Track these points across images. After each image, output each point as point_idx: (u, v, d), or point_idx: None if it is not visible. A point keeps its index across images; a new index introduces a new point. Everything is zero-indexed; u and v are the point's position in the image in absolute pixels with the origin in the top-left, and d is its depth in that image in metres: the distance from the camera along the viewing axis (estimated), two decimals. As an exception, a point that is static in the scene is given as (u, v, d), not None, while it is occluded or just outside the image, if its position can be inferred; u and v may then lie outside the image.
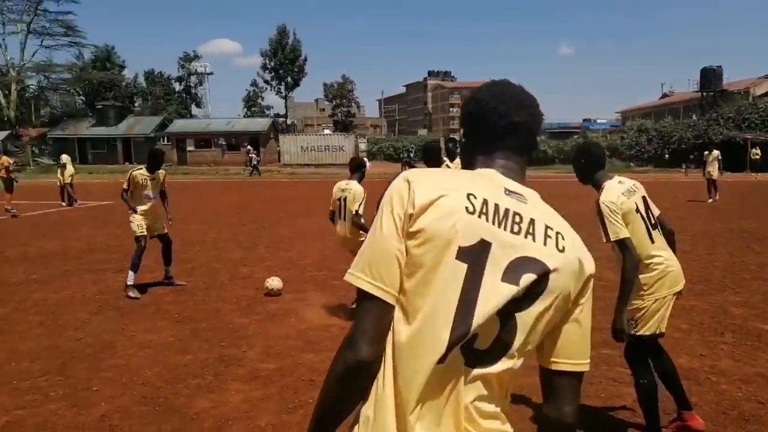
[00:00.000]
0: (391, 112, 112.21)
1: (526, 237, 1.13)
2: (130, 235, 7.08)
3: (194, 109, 66.27)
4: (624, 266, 3.10)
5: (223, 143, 46.18)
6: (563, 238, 1.16)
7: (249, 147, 42.04)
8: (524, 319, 1.11)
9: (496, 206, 1.14)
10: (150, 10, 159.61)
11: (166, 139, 46.24)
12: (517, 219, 1.14)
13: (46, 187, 20.34)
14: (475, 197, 1.13)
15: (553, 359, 1.17)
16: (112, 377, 4.34)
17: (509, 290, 1.09)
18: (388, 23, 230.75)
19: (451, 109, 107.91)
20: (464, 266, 1.09)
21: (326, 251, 9.18)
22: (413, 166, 6.23)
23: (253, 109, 66.22)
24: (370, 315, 1.12)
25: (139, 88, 63.51)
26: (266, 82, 63.67)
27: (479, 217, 1.11)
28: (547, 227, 1.16)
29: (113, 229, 12.29)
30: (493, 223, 1.12)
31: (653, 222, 3.28)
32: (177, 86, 65.68)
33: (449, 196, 1.12)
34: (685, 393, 3.42)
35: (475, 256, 1.10)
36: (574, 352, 1.17)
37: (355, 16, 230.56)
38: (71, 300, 6.59)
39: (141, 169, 7.05)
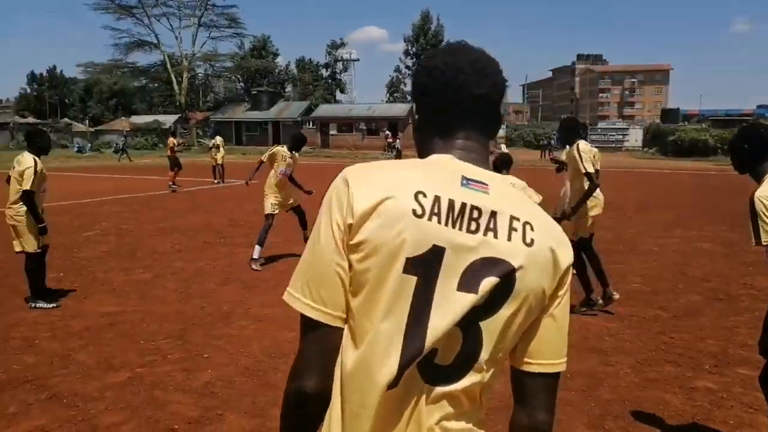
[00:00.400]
0: (534, 97, 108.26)
1: (486, 234, 0.96)
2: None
3: (338, 95, 69.15)
4: None
5: (364, 128, 47.65)
6: (532, 229, 0.99)
7: (388, 132, 42.98)
8: (490, 327, 0.97)
9: (451, 202, 0.96)
10: (304, 1, 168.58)
11: (311, 123, 48.80)
12: (476, 214, 0.97)
13: (206, 166, 22.31)
14: (424, 195, 0.96)
15: (525, 360, 1.03)
16: (222, 346, 4.63)
17: (466, 300, 0.94)
18: (534, 6, 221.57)
19: (600, 95, 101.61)
20: (413, 279, 0.94)
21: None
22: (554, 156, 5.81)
23: (395, 94, 67.48)
24: (313, 342, 0.99)
25: (290, 74, 67.64)
26: (407, 67, 64.55)
27: (429, 219, 0.95)
28: (512, 218, 0.99)
29: (254, 206, 13.18)
30: (447, 225, 0.95)
31: None
32: (324, 73, 68.93)
33: (394, 198, 0.95)
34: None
35: (426, 266, 0.94)
36: (548, 351, 1.02)
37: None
38: (204, 271, 7.15)
39: (284, 147, 7.61)
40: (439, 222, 0.95)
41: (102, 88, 68.06)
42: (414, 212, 0.94)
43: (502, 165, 5.28)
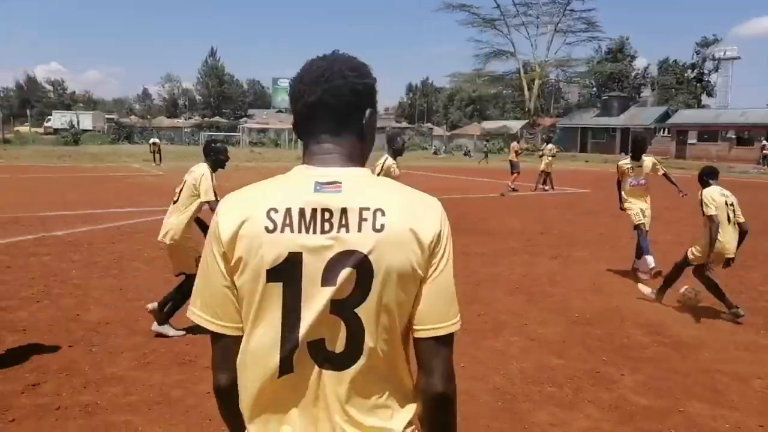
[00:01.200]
0: None
1: (338, 231, 1.08)
2: (586, 224, 7.08)
3: (706, 99, 60.68)
4: None
5: (732, 137, 40.74)
6: (384, 214, 1.09)
7: (765, 142, 35.74)
8: (367, 312, 1.08)
9: (301, 211, 1.09)
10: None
11: (666, 130, 44.12)
12: (327, 215, 1.08)
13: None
14: (276, 211, 1.09)
15: (414, 327, 1.13)
16: (484, 358, 4.46)
17: (327, 293, 1.07)
18: None
19: None
20: (279, 285, 1.08)
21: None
22: None
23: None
24: (218, 348, 1.17)
25: (648, 77, 62.42)
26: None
27: (282, 231, 1.08)
28: (361, 210, 1.09)
29: (576, 216, 12.61)
30: (300, 232, 1.08)
31: None
32: (689, 74, 61.47)
33: (250, 220, 1.09)
34: None
35: (288, 271, 1.08)
36: (433, 316, 1.12)
37: None
38: (499, 277, 7.08)
39: (626, 159, 7.36)
40: (292, 231, 1.08)
41: (462, 95, 74.75)
42: (266, 229, 1.08)
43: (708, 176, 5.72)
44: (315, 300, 1.07)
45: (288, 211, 1.08)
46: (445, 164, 34.56)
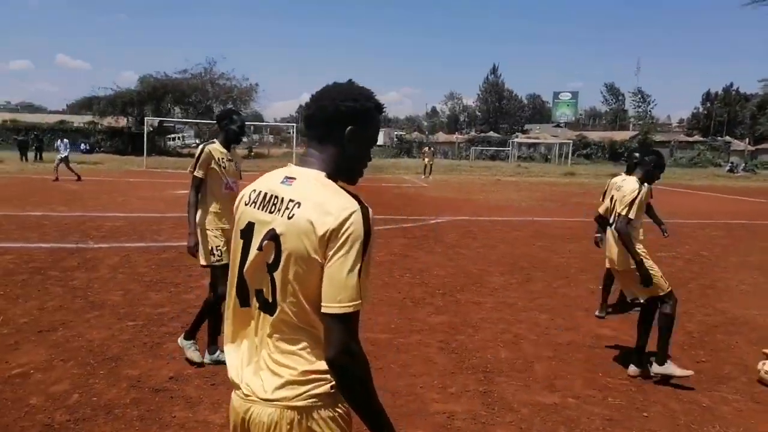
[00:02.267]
0: None
1: (275, 213, 1.45)
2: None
3: None
4: None
5: None
6: (299, 206, 1.41)
7: None
8: (278, 276, 1.43)
9: (265, 195, 1.50)
10: None
11: None
12: (275, 201, 1.46)
13: None
14: (255, 191, 1.55)
15: (320, 303, 1.38)
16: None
17: (259, 255, 1.46)
18: None
19: None
20: (242, 242, 1.53)
21: None
22: None
23: None
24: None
25: None
26: None
27: (251, 206, 1.53)
28: (290, 201, 1.43)
29: None
30: (259, 208, 1.50)
31: None
32: None
33: (244, 195, 1.58)
34: None
35: (247, 234, 1.51)
36: (326, 296, 1.36)
37: None
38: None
39: None
40: (255, 207, 1.52)
41: (778, 103, 62.67)
42: (245, 202, 1.56)
43: None
44: (252, 257, 1.48)
45: (260, 192, 1.52)
46: (741, 184, 29.48)
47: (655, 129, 61.15)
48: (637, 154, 4.86)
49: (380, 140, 63.98)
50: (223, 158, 4.15)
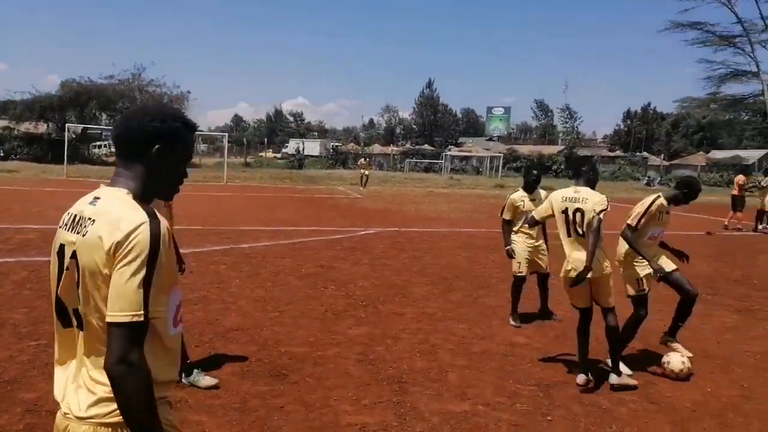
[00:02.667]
0: None
1: (78, 233, 1.50)
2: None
3: None
4: None
5: None
6: (92, 223, 1.48)
7: None
8: (81, 292, 1.49)
9: (74, 217, 1.55)
10: None
11: None
12: (80, 221, 1.52)
13: None
14: (68, 214, 1.58)
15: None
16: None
17: (65, 274, 1.52)
18: None
19: None
20: (57, 264, 1.56)
21: None
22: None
23: None
24: None
25: None
26: None
27: (63, 228, 1.57)
28: (86, 219, 1.50)
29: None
30: (68, 230, 1.54)
31: None
32: None
33: (62, 218, 1.60)
34: None
35: (60, 255, 1.55)
36: (110, 305, 1.42)
37: None
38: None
39: None
40: (65, 229, 1.56)
41: (690, 122, 67.17)
42: (59, 225, 1.59)
43: None
44: (63, 278, 1.53)
45: (70, 214, 1.57)
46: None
47: (580, 144, 64.08)
48: (584, 167, 4.90)
49: (316, 151, 63.89)
50: None
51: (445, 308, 6.55)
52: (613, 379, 4.44)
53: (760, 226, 16.02)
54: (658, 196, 4.86)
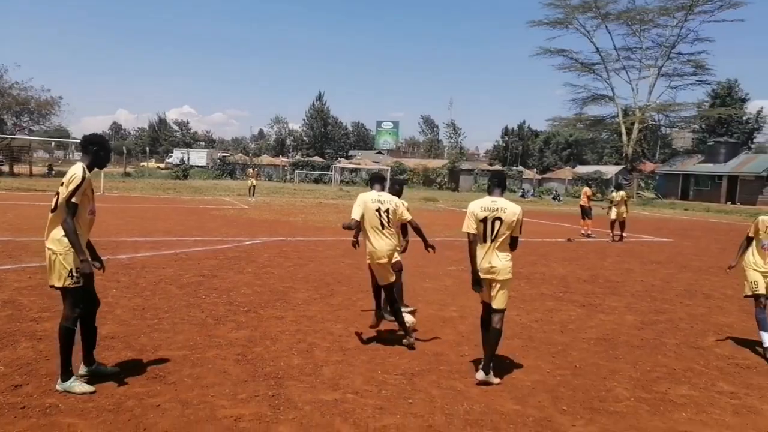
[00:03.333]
0: None
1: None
2: (643, 274, 6.84)
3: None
4: None
5: None
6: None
7: None
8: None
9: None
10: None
11: (781, 179, 40.43)
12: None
13: (638, 219, 20.88)
14: None
15: None
16: (438, 396, 4.45)
17: None
18: None
19: None
20: None
21: None
22: None
23: None
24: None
25: (762, 122, 57.81)
26: None
27: None
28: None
29: (640, 265, 11.99)
30: None
31: None
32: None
33: None
34: None
35: None
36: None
37: None
38: (509, 321, 6.93)
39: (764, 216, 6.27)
40: None
41: (559, 139, 73.04)
42: None
43: None
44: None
45: None
46: (528, 207, 33.79)
47: (463, 158, 67.45)
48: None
49: (203, 161, 61.92)
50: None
51: (325, 311, 6.90)
52: (479, 374, 4.87)
53: (617, 234, 17.79)
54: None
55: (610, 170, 51.60)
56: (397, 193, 6.34)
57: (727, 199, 42.96)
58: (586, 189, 19.20)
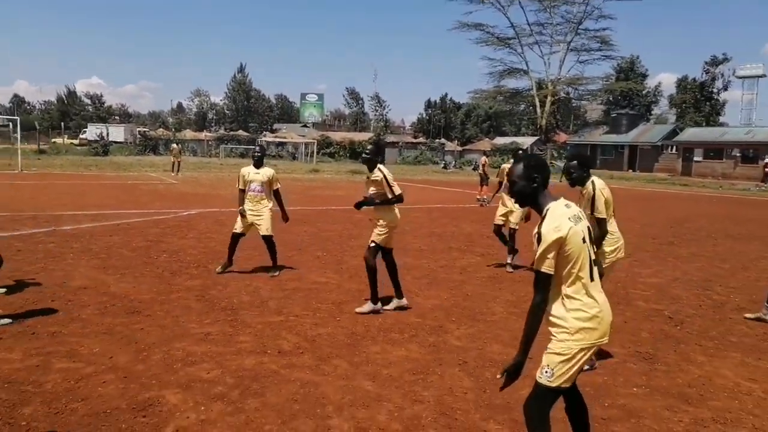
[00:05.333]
0: None
1: None
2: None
3: (728, 117, 61.00)
4: None
5: (737, 155, 41.20)
6: None
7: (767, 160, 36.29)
8: None
9: None
10: (677, 13, 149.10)
11: (673, 148, 44.71)
12: None
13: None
14: None
15: None
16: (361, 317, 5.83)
17: None
18: None
19: None
20: None
21: None
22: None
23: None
24: None
25: (658, 96, 63.01)
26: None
27: None
28: None
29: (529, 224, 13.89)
30: None
31: None
32: (708, 92, 61.85)
33: None
34: None
35: None
36: None
37: None
38: (419, 267, 8.42)
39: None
40: None
41: (479, 112, 75.98)
42: None
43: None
44: None
45: None
46: (450, 178, 35.84)
47: (388, 131, 69.14)
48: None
49: (121, 137, 59.99)
50: None
51: (264, 265, 8.12)
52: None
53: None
54: None
55: (526, 141, 54.76)
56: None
57: (629, 167, 47.07)
58: (483, 159, 21.55)
